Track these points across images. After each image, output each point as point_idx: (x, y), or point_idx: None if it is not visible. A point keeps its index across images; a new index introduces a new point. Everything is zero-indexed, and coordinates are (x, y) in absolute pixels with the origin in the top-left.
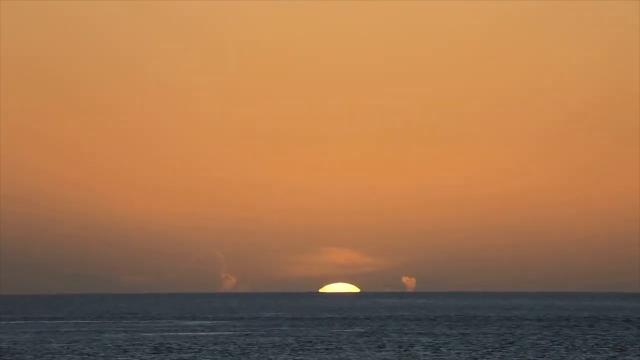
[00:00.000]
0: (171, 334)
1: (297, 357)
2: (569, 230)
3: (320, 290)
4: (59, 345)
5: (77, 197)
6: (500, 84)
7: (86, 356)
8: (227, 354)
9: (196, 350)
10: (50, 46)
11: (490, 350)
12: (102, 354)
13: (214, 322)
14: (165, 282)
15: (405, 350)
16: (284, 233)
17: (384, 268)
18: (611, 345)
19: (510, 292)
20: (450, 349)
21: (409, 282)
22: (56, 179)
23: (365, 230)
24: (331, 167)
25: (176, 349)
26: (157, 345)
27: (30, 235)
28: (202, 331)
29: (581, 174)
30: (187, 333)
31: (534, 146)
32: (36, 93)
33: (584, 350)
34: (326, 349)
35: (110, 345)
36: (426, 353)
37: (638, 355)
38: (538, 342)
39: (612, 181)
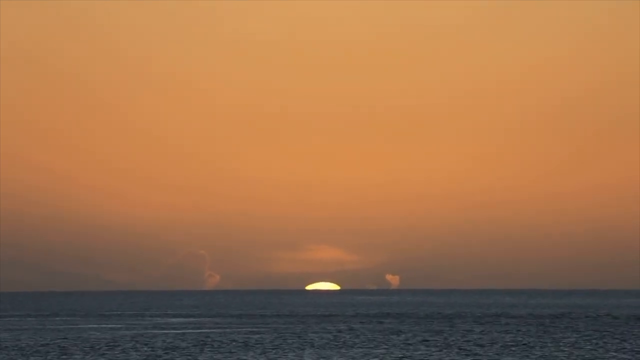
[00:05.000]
0: (150, 331)
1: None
2: (553, 226)
3: (307, 288)
4: (32, 342)
5: (58, 192)
6: (478, 78)
7: (64, 354)
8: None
9: (163, 347)
10: (51, 40)
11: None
12: (80, 352)
13: (192, 319)
14: (148, 280)
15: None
16: (268, 230)
17: (368, 265)
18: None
19: (497, 289)
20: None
21: (393, 280)
22: (35, 171)
23: (350, 228)
24: (314, 163)
25: (154, 346)
26: (137, 343)
27: (9, 231)
28: (179, 329)
29: (561, 167)
30: (165, 331)
31: (517, 138)
32: (29, 85)
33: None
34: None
35: (88, 343)
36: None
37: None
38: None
39: (592, 175)
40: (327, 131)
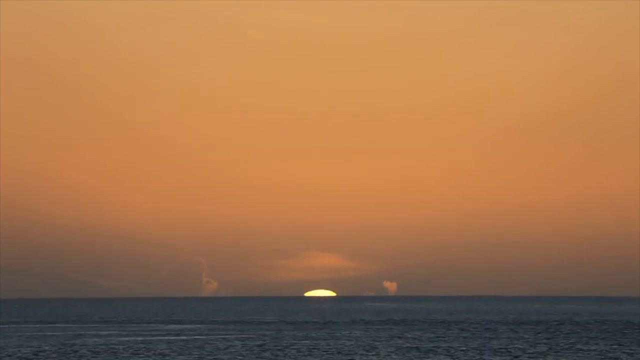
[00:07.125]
0: (149, 338)
1: None
2: (551, 233)
3: (306, 295)
4: (31, 350)
5: (58, 198)
6: (476, 84)
7: None
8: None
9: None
10: (51, 44)
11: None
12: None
13: (190, 326)
14: (145, 287)
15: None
16: (266, 237)
17: (366, 272)
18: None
19: (493, 295)
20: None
21: (391, 287)
22: (35, 178)
23: (347, 235)
24: (312, 171)
25: (152, 352)
26: (135, 350)
27: (9, 237)
28: (178, 335)
29: (560, 174)
30: (163, 337)
31: (515, 145)
32: (29, 91)
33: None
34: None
35: (84, 350)
36: None
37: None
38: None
39: (591, 182)
40: (324, 139)
